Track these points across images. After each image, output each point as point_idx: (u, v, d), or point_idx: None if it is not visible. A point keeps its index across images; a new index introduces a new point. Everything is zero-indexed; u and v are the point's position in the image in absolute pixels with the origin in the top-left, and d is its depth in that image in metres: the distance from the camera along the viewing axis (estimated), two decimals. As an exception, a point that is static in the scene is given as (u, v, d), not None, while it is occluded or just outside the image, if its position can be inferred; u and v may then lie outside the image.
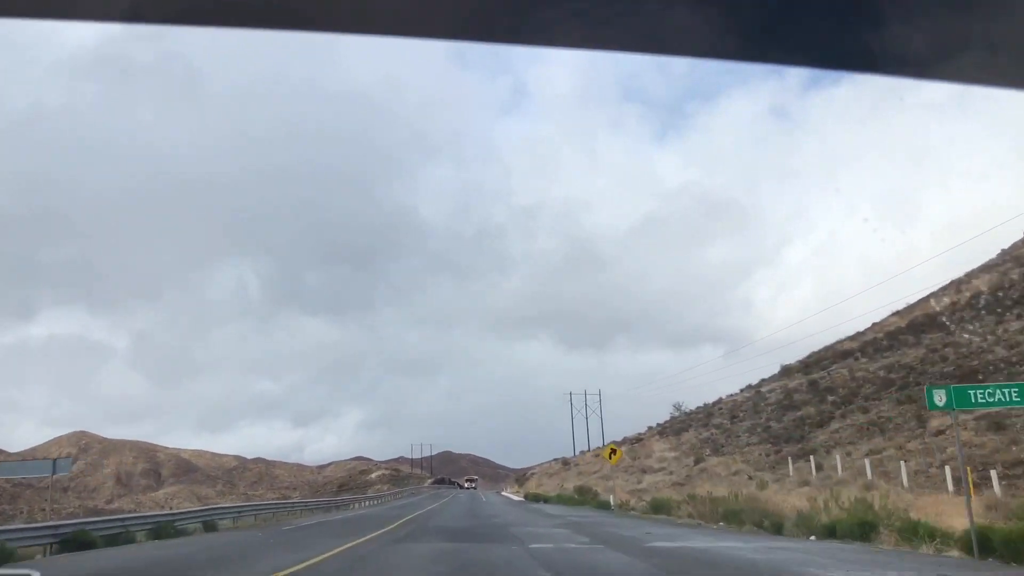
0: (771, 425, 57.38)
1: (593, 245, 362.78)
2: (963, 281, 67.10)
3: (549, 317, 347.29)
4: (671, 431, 73.97)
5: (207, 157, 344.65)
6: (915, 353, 60.17)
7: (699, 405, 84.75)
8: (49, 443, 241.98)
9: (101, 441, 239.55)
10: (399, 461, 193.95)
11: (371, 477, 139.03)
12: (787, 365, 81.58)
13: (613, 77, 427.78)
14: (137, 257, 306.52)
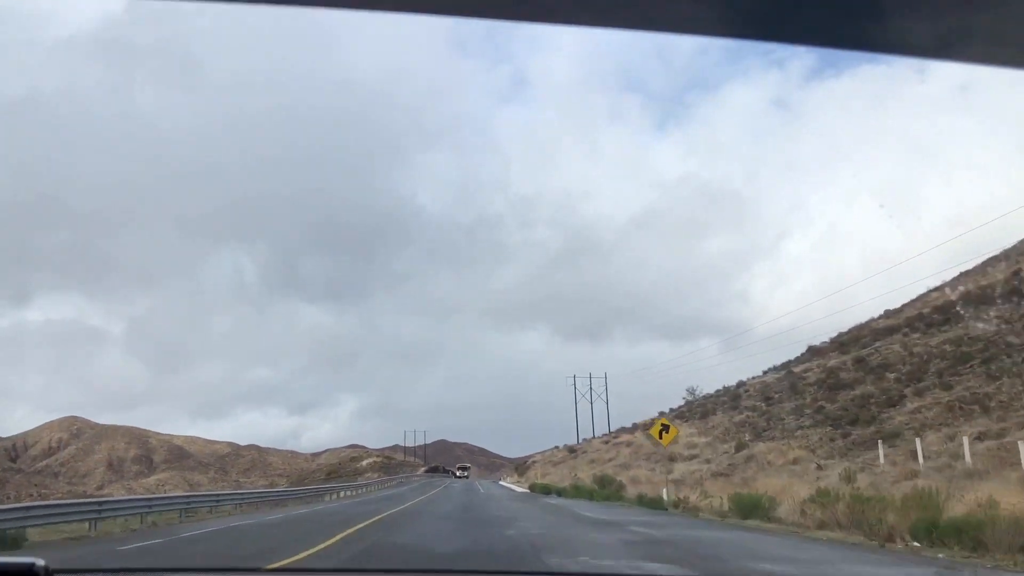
0: (823, 406, 47.45)
1: (592, 235, 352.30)
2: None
3: (546, 307, 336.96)
4: (693, 415, 63.80)
5: (205, 142, 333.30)
6: (983, 326, 50.84)
7: (717, 388, 75.27)
8: (40, 428, 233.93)
9: (93, 426, 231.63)
10: (394, 450, 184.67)
11: (361, 465, 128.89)
12: (815, 345, 72.69)
13: (614, 67, 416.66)
14: (134, 243, 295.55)
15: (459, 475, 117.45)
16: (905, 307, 69.20)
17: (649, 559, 11.11)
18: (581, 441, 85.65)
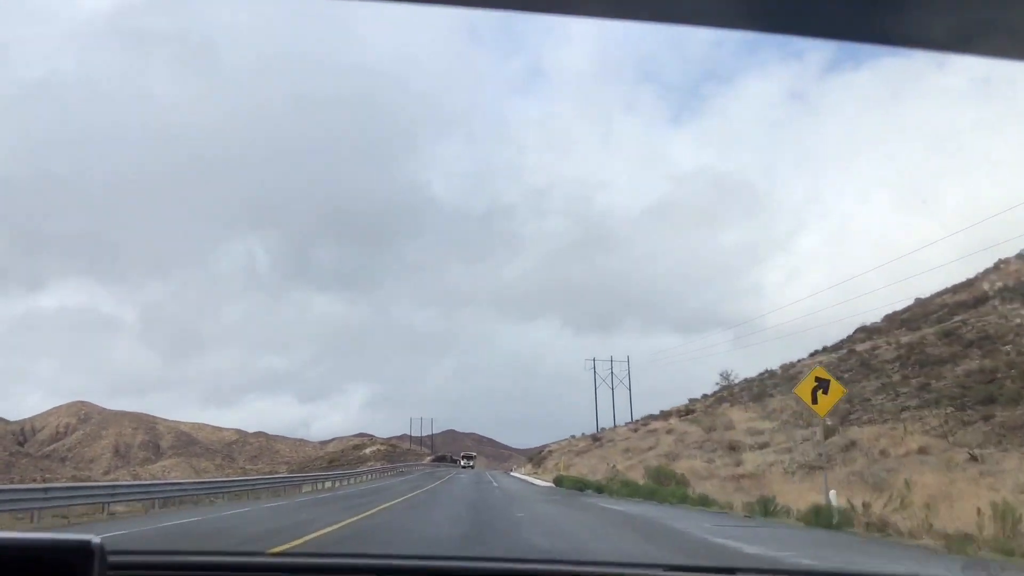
0: (928, 383, 36.98)
1: (605, 226, 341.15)
2: None
3: (558, 298, 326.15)
4: (739, 399, 53.23)
5: (220, 130, 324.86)
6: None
7: (760, 371, 64.69)
8: (48, 412, 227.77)
9: (101, 412, 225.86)
10: (402, 439, 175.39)
11: (365, 453, 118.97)
12: (866, 325, 62.29)
13: (629, 58, 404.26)
14: (148, 230, 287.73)
15: (463, 465, 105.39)
16: (977, 280, 58.87)
17: None
18: (601, 429, 75.18)
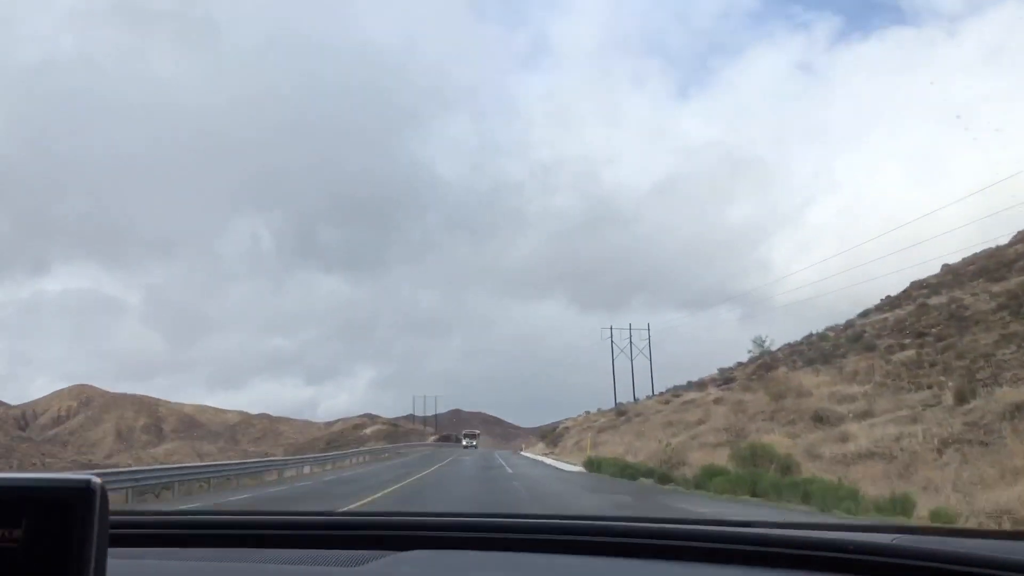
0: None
1: (612, 202, 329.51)
2: None
3: (564, 276, 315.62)
4: (794, 363, 44.22)
5: (222, 109, 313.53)
6: None
7: (807, 334, 55.71)
8: (50, 396, 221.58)
9: (102, 395, 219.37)
10: (409, 419, 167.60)
11: (365, 433, 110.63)
12: (919, 280, 53.59)
13: (635, 30, 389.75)
14: (152, 211, 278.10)
15: (465, 444, 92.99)
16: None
17: None
18: (623, 403, 66.35)
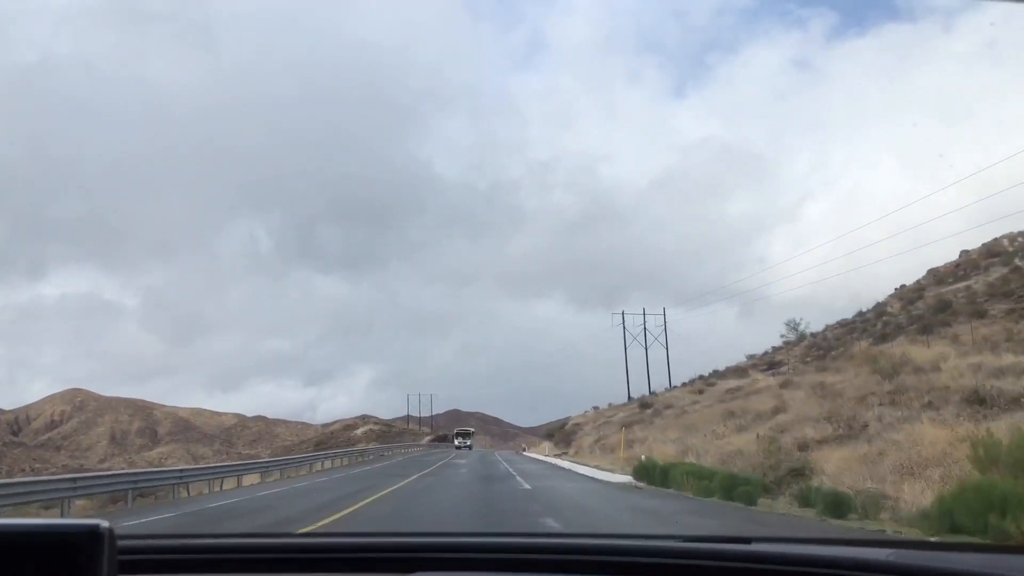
0: None
1: (609, 200, 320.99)
2: None
3: (562, 274, 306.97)
4: (876, 336, 35.13)
5: (219, 111, 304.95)
6: None
7: (856, 314, 47.48)
8: (43, 401, 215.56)
9: (97, 399, 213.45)
10: (406, 420, 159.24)
11: (356, 434, 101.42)
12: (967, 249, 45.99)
13: (631, 28, 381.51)
14: (150, 214, 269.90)
15: (458, 444, 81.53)
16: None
17: None
18: (635, 396, 57.16)
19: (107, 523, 0.78)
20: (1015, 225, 44.17)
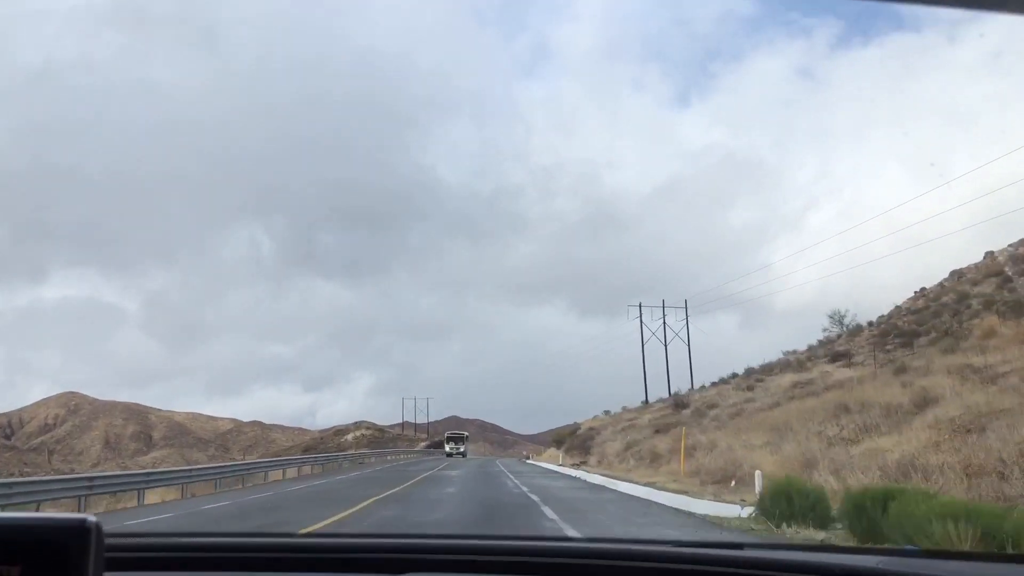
0: None
1: (613, 207, 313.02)
2: None
3: (565, 281, 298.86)
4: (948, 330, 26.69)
5: (221, 114, 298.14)
6: None
7: (893, 307, 40.17)
8: (37, 404, 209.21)
9: (91, 402, 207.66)
10: (405, 425, 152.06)
11: (346, 439, 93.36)
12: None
13: (635, 36, 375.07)
14: (151, 218, 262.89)
15: (449, 451, 72.42)
16: None
17: None
18: (651, 399, 48.66)
19: (94, 518, 0.77)
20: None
